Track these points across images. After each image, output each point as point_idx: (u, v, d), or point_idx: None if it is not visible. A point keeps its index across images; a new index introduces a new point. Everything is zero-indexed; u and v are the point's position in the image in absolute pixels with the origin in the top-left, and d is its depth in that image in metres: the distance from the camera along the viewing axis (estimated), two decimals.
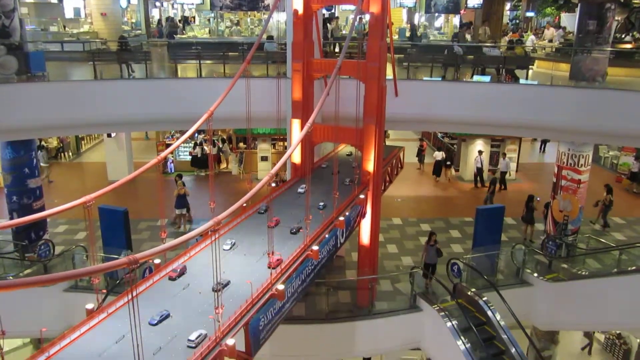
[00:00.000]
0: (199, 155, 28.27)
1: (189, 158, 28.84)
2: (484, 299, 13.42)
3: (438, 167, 27.61)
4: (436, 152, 27.83)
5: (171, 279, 9.94)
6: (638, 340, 23.43)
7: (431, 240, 15.13)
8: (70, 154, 31.71)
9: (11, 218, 17.12)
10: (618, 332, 24.37)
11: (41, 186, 17.67)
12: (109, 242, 15.57)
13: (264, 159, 27.83)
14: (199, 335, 8.15)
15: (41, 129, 16.47)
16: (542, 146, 34.81)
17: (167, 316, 8.77)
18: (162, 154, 10.89)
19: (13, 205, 17.26)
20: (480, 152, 26.32)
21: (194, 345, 8.02)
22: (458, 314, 13.22)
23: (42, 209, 17.27)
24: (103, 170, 26.98)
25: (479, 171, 25.97)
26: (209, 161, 18.21)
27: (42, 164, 26.81)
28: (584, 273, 15.88)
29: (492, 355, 12.46)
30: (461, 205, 23.30)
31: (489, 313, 13.25)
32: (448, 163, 27.95)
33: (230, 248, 11.12)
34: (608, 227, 20.60)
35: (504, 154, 26.31)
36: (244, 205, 11.38)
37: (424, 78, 19.00)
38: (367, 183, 13.66)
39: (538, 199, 19.78)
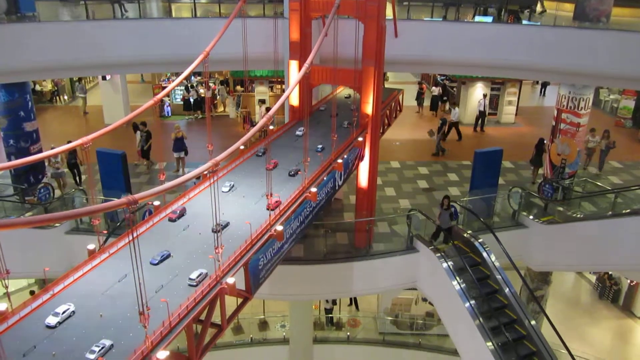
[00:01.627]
0: (192, 99, 27.95)
1: (181, 102, 28.54)
2: (480, 240, 13.62)
3: (435, 103, 28.94)
4: (433, 88, 28.61)
5: (171, 220, 10.04)
6: (628, 281, 24.04)
7: (444, 204, 14.31)
8: (66, 97, 31.32)
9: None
10: (609, 273, 24.98)
11: (37, 129, 17.55)
12: (108, 185, 15.63)
13: (262, 101, 27.57)
14: (200, 274, 8.30)
15: (33, 71, 16.17)
16: (542, 90, 34.48)
17: (168, 256, 8.92)
18: (158, 96, 10.74)
19: (10, 148, 17.21)
20: (485, 96, 26.08)
21: (194, 283, 8.19)
22: (454, 255, 13.46)
23: (39, 152, 17.23)
24: (99, 113, 26.74)
25: (482, 115, 25.77)
26: (206, 103, 18.03)
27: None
28: (579, 216, 16.07)
29: (486, 295, 12.78)
30: (460, 148, 23.27)
31: (484, 254, 13.48)
32: (444, 98, 29.49)
33: (229, 190, 11.17)
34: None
35: (454, 104, 25.68)
36: (242, 147, 11.43)
37: (425, 18, 18.55)
38: (365, 126, 13.57)
39: (546, 142, 19.70)
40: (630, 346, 22.59)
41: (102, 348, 6.89)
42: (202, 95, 27.94)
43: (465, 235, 13.87)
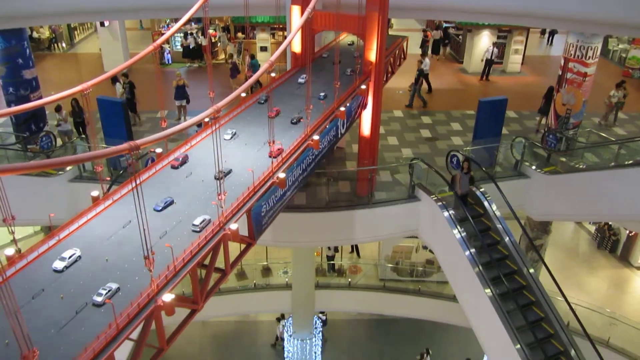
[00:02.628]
0: (190, 46, 27.44)
1: (180, 49, 28.03)
2: (481, 190, 13.67)
3: (436, 46, 29.05)
4: (434, 32, 28.83)
5: (174, 167, 10.06)
6: (627, 232, 24.28)
7: (464, 167, 13.44)
8: (64, 44, 30.82)
9: None
10: (609, 223, 25.20)
11: (37, 77, 17.35)
12: (109, 133, 15.59)
13: (263, 49, 27.10)
14: (203, 221, 8.39)
15: (29, 17, 15.80)
16: (550, 38, 33.75)
17: (171, 202, 8.99)
18: (157, 42, 10.55)
19: (10, 96, 17.07)
20: (494, 44, 25.55)
21: (198, 229, 8.28)
22: (455, 204, 13.53)
23: (39, 100, 17.07)
24: (98, 61, 26.37)
25: (489, 63, 25.30)
26: (207, 50, 17.70)
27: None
28: (581, 166, 16.05)
29: (487, 244, 12.92)
30: (464, 97, 23.02)
31: (485, 204, 13.56)
32: (446, 42, 29.82)
33: (231, 138, 11.14)
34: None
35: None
36: (243, 95, 11.31)
37: None
38: (368, 73, 13.37)
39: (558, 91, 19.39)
40: (626, 295, 23.07)
41: (109, 291, 7.05)
42: (200, 43, 27.42)
43: None
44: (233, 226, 8.38)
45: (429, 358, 21.64)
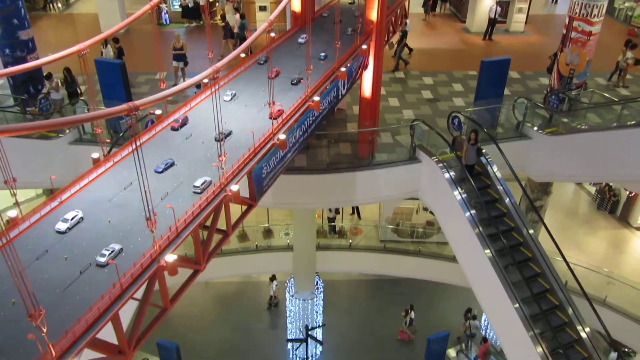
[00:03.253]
0: (190, 5, 26.88)
1: (179, 9, 27.45)
2: (483, 151, 13.64)
3: (434, 2, 28.53)
4: None
5: (174, 129, 10.02)
6: (627, 192, 24.36)
7: (472, 138, 13.18)
8: (59, 5, 30.22)
9: None
10: (609, 184, 25.26)
11: (33, 38, 17.06)
12: (108, 96, 15.45)
13: (263, 8, 26.57)
14: (204, 182, 8.41)
15: None
16: None
17: (172, 164, 8.98)
18: (154, 0, 10.32)
19: (6, 58, 16.80)
20: (497, 3, 25.00)
21: (199, 191, 8.31)
22: (456, 165, 13.53)
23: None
24: (95, 21, 25.90)
25: (492, 22, 24.81)
26: (205, 10, 17.32)
27: None
28: (583, 127, 15.96)
29: (486, 202, 12.98)
30: (466, 58, 22.70)
31: (488, 167, 13.56)
32: None
33: (231, 99, 11.05)
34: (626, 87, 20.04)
35: (405, 16, 24.10)
36: (243, 55, 11.16)
37: None
38: (369, 33, 13.15)
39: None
40: (624, 255, 23.31)
41: (112, 252, 7.12)
42: (199, 2, 26.84)
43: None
44: (234, 187, 8.40)
45: (413, 313, 22.32)
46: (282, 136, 9.65)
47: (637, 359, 22.05)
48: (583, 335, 11.70)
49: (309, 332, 19.47)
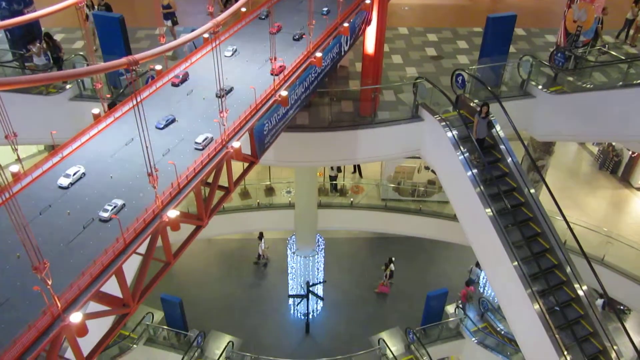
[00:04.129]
0: None
1: None
2: (494, 124, 13.49)
3: None
4: None
5: (174, 85, 9.92)
6: (630, 153, 24.27)
7: (483, 111, 12.81)
8: None
9: None
10: (612, 144, 25.15)
11: None
12: (107, 51, 15.21)
13: None
14: (206, 139, 8.37)
15: None
16: None
17: (173, 120, 8.94)
18: None
19: (3, 12, 16.46)
20: None
21: (201, 147, 8.29)
22: (459, 124, 13.43)
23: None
24: None
25: None
26: None
27: None
28: (588, 86, 15.76)
29: (489, 163, 12.95)
30: (471, 14, 22.23)
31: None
32: None
33: (232, 55, 10.90)
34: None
35: None
36: (244, 10, 10.93)
37: None
38: None
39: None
40: (624, 214, 23.42)
41: (115, 207, 7.16)
42: None
43: (471, 104, 13.73)
44: (236, 144, 8.38)
45: (393, 266, 22.74)
46: (283, 93, 9.55)
47: (631, 316, 22.50)
48: (580, 293, 11.88)
49: (310, 288, 19.82)
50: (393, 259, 22.99)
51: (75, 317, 5.92)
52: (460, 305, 21.51)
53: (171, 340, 20.04)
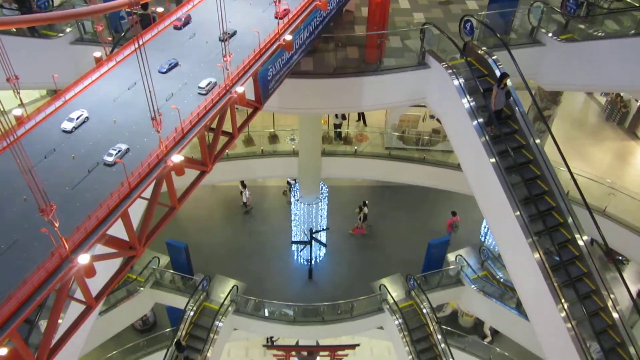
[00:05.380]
0: None
1: None
2: (494, 57, 13.27)
3: None
4: None
5: (176, 28, 9.73)
6: (638, 103, 23.97)
7: (502, 82, 12.38)
8: None
9: None
10: (621, 95, 24.80)
11: None
12: None
13: None
14: (209, 83, 8.28)
15: None
16: None
17: (176, 64, 8.82)
18: None
19: None
20: None
21: (204, 92, 8.21)
22: (466, 72, 13.21)
23: None
24: None
25: None
26: None
27: None
28: (600, 34, 15.37)
29: (505, 135, 12.77)
30: None
31: (497, 72, 13.23)
32: None
33: None
34: None
35: None
36: None
37: None
38: None
39: None
40: (629, 166, 23.34)
41: (119, 151, 7.17)
42: None
43: (479, 52, 13.47)
44: (239, 89, 8.29)
45: (366, 209, 23.07)
46: (288, 37, 9.37)
47: (629, 266, 22.85)
48: (580, 243, 12.02)
49: (313, 235, 20.08)
50: (366, 202, 23.32)
51: (83, 259, 6.03)
52: (447, 233, 22.07)
53: (177, 284, 20.53)
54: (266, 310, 19.98)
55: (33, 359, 6.09)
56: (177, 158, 7.14)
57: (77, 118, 7.71)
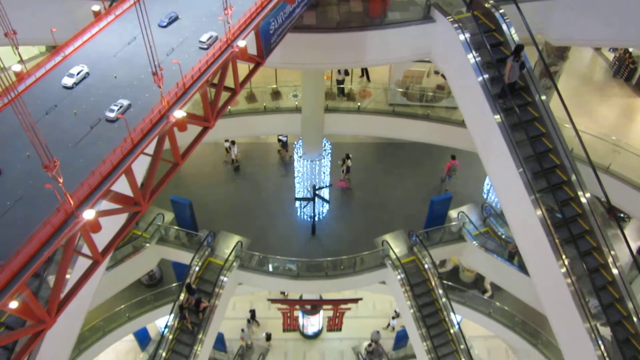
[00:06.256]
0: None
1: None
2: (501, 11, 12.98)
3: None
4: None
5: None
6: None
7: (519, 54, 12.10)
8: None
9: None
10: (630, 51, 24.34)
11: None
12: None
13: None
14: (210, 37, 8.15)
15: None
16: None
17: (176, 18, 8.66)
18: None
19: None
20: None
21: (205, 46, 8.08)
22: (472, 26, 12.94)
23: None
24: None
25: None
26: None
27: None
28: None
29: (519, 106, 12.58)
30: None
31: (504, 26, 12.97)
32: None
33: None
34: None
35: None
36: None
37: None
38: None
39: None
40: (635, 124, 23.13)
41: (121, 107, 7.13)
42: None
43: (486, 5, 13.16)
44: (241, 43, 8.16)
45: (349, 162, 23.07)
46: None
47: (630, 223, 22.98)
48: (583, 200, 12.06)
49: (317, 192, 20.15)
50: (350, 155, 23.30)
51: (89, 214, 6.08)
52: (443, 177, 22.61)
53: (182, 240, 20.77)
54: (270, 266, 20.28)
55: (43, 312, 6.23)
56: (179, 113, 7.10)
57: (78, 74, 7.63)
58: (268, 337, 28.26)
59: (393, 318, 28.95)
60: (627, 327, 11.74)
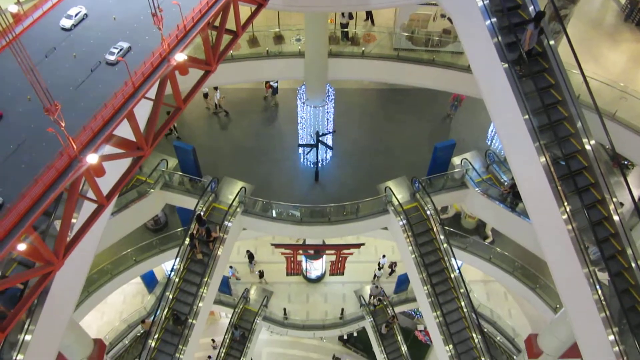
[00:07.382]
0: None
1: None
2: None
3: None
4: None
5: None
6: None
7: (540, 22, 11.86)
8: None
9: None
10: None
11: None
12: None
13: None
14: None
15: None
16: None
17: None
18: None
19: None
20: None
21: None
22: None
23: None
24: None
25: None
26: None
27: None
28: None
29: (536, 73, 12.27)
30: None
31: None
32: None
33: None
34: None
35: None
36: None
37: None
38: None
39: None
40: None
41: (121, 50, 7.01)
42: None
43: None
44: None
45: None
46: None
47: (634, 171, 22.96)
48: (588, 148, 12.00)
49: (320, 138, 20.08)
50: None
51: (92, 158, 6.09)
52: (448, 111, 23.12)
53: (186, 185, 20.90)
54: (274, 212, 20.46)
55: (50, 254, 6.35)
56: (180, 57, 6.99)
57: (76, 15, 7.46)
58: (261, 275, 29.24)
59: (383, 256, 29.54)
60: (627, 278, 11.93)
